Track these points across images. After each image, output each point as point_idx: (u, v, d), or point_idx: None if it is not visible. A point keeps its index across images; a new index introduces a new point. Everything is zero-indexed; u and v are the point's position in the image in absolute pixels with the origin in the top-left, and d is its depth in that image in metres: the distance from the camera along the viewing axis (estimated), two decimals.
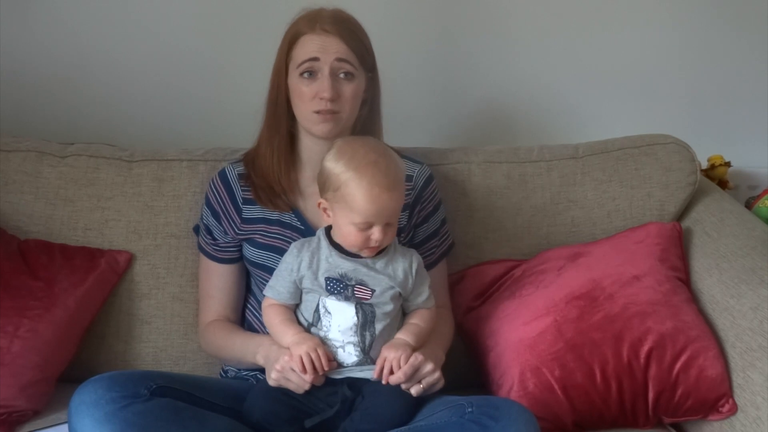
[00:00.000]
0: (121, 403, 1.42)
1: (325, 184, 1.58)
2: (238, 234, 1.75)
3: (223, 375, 1.81)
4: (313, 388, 1.53)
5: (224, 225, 1.75)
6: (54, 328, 1.74)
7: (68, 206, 1.90)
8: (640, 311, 1.73)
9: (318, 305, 1.58)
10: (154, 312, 1.88)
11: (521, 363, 1.69)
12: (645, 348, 1.69)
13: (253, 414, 1.54)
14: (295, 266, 1.60)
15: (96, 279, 1.83)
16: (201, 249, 1.81)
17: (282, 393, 1.54)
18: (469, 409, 1.47)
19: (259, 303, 1.72)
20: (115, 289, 1.87)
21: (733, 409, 1.66)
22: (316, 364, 1.51)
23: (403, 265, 1.62)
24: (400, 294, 1.61)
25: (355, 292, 1.57)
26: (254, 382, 1.70)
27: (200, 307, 1.82)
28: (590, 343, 1.69)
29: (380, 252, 1.61)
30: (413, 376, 1.55)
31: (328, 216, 1.59)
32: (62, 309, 1.76)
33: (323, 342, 1.56)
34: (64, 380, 1.75)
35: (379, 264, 1.60)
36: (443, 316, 1.77)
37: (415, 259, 1.64)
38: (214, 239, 1.77)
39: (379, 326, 1.58)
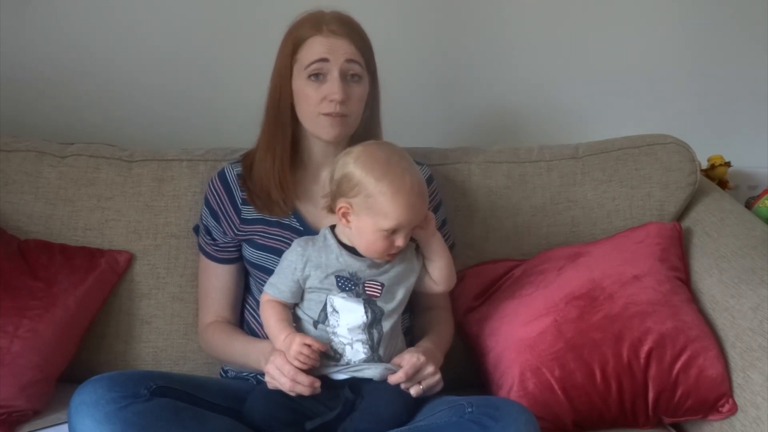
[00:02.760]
0: (121, 403, 1.42)
1: (351, 190, 1.54)
2: (237, 234, 1.75)
3: (223, 375, 1.81)
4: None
5: (223, 225, 1.75)
6: (54, 328, 1.74)
7: (68, 206, 1.90)
8: (640, 311, 1.73)
9: (326, 304, 1.58)
10: (154, 312, 1.89)
11: (521, 363, 1.69)
12: (645, 348, 1.69)
13: (253, 416, 1.54)
14: (300, 265, 1.59)
15: (96, 279, 1.83)
16: (201, 249, 1.81)
17: (282, 396, 1.54)
18: (469, 409, 1.47)
19: (258, 303, 1.72)
20: (115, 289, 1.88)
21: (733, 409, 1.66)
22: (312, 357, 1.52)
23: (406, 255, 1.63)
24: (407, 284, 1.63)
25: (366, 288, 1.58)
26: (254, 383, 1.70)
27: (199, 308, 1.82)
28: (590, 343, 1.69)
29: None
30: (414, 377, 1.56)
31: (348, 221, 1.56)
32: (62, 309, 1.76)
33: (331, 339, 1.57)
34: (64, 380, 1.75)
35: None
36: (443, 317, 1.78)
37: (412, 247, 1.65)
38: (214, 239, 1.77)
39: (386, 324, 1.58)
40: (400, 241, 1.55)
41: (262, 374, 1.61)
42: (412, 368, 1.55)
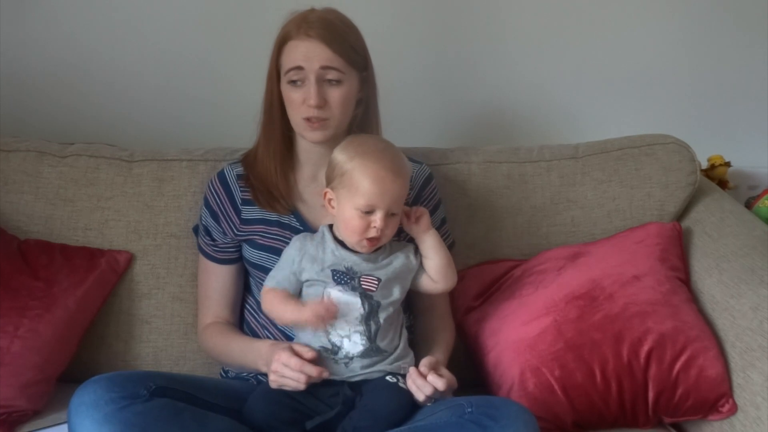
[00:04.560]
0: (121, 403, 1.42)
1: (332, 174, 1.60)
2: (237, 235, 1.75)
3: (224, 375, 1.81)
4: (314, 388, 1.54)
5: (223, 226, 1.75)
6: (54, 328, 1.74)
7: (68, 206, 1.90)
8: (640, 311, 1.73)
9: (323, 297, 1.58)
10: (154, 312, 1.89)
11: (521, 363, 1.69)
12: (645, 348, 1.69)
13: (254, 417, 1.54)
14: (297, 258, 1.61)
15: (96, 279, 1.83)
16: (200, 249, 1.81)
17: (283, 395, 1.54)
18: (469, 409, 1.47)
19: (258, 303, 1.73)
20: (115, 289, 1.88)
21: (733, 409, 1.66)
22: (331, 312, 1.54)
23: (404, 254, 1.64)
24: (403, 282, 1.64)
25: (362, 283, 1.58)
26: (254, 383, 1.70)
27: (199, 308, 1.82)
28: (590, 343, 1.69)
29: (377, 249, 1.62)
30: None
31: (332, 207, 1.60)
32: (62, 309, 1.76)
33: (329, 331, 1.57)
34: (64, 380, 1.75)
35: (382, 257, 1.62)
36: (443, 325, 1.78)
37: (411, 248, 1.66)
38: (213, 240, 1.77)
39: (383, 315, 1.59)
40: (377, 222, 1.56)
41: (263, 374, 1.62)
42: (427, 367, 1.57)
